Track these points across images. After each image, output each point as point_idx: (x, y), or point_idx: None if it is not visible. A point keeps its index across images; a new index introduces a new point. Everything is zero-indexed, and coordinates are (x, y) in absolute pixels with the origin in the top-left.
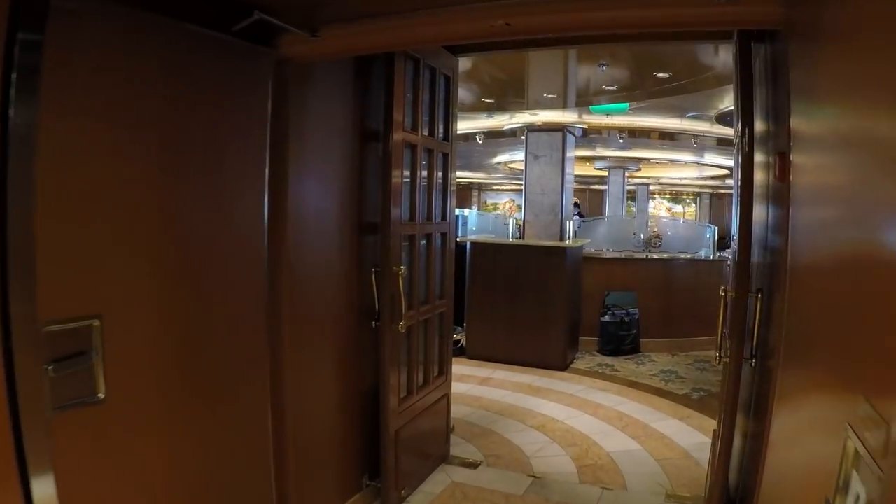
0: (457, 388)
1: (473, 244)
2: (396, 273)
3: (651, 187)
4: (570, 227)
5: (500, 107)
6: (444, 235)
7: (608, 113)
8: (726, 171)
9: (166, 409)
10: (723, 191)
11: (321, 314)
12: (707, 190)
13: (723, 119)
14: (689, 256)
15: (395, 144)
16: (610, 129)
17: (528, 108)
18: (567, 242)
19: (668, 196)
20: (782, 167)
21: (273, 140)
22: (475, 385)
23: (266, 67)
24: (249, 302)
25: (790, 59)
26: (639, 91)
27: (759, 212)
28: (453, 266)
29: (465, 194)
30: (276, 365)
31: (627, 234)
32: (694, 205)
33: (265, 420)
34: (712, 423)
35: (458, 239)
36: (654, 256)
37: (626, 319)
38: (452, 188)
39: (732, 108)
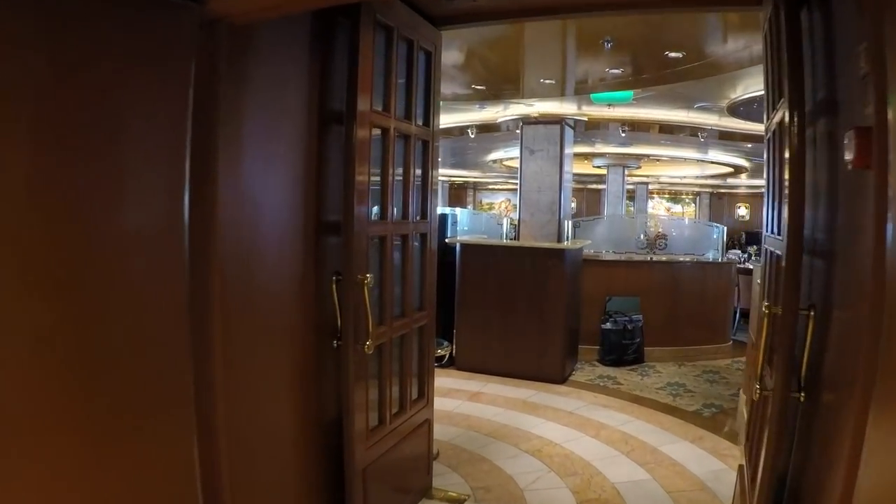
0: (443, 405)
1: (464, 246)
2: (362, 283)
3: (650, 186)
4: (568, 227)
5: (492, 95)
6: (423, 237)
7: (611, 103)
8: (729, 170)
9: (41, 450)
10: (723, 190)
11: (268, 331)
12: (707, 189)
13: (736, 110)
14: (696, 259)
15: (361, 127)
16: (612, 121)
17: (523, 98)
18: (566, 244)
19: (666, 195)
20: (863, 148)
21: (197, 118)
22: (464, 401)
23: (188, 27)
24: (164, 315)
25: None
26: (647, 75)
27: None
28: (435, 272)
29: (461, 194)
30: (204, 391)
31: (628, 234)
32: (693, 204)
33: (189, 458)
34: (727, 446)
35: (447, 240)
36: (659, 259)
37: (629, 327)
38: (435, 182)
39: (751, 94)
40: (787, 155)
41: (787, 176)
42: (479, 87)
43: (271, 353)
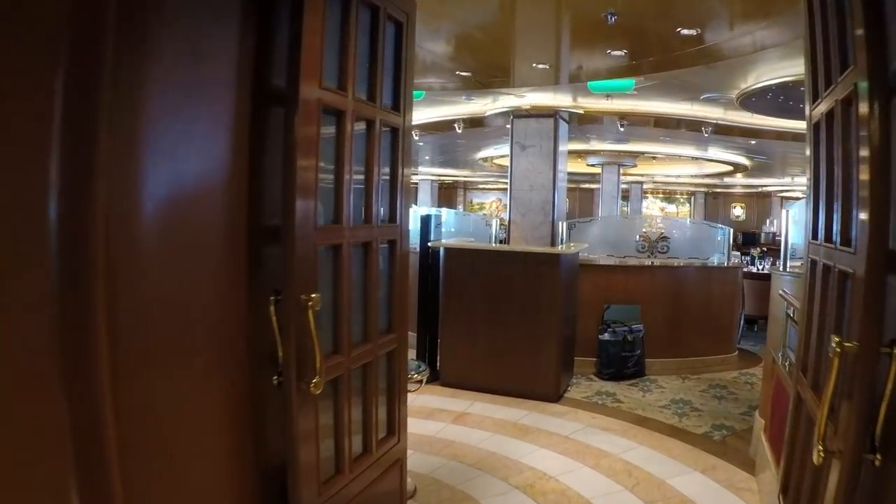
0: (424, 428)
1: (448, 250)
2: (305, 304)
3: (644, 186)
4: (563, 229)
5: (480, 84)
6: (392, 244)
7: (610, 93)
8: (727, 168)
9: None
10: (718, 190)
11: (183, 364)
12: (702, 189)
13: (747, 101)
14: (700, 263)
15: (306, 108)
16: (610, 115)
17: (514, 86)
18: (560, 248)
19: (661, 195)
20: None
21: (72, 100)
22: (448, 424)
23: None
24: (25, 344)
25: None
26: (653, 58)
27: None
28: (407, 285)
29: (451, 194)
30: (88, 443)
31: (626, 236)
32: (688, 204)
33: None
34: (744, 478)
35: (430, 244)
36: (661, 263)
37: (629, 338)
38: (408, 178)
39: (766, 83)
40: (864, 144)
41: (862, 172)
42: (464, 74)
43: (190, 393)
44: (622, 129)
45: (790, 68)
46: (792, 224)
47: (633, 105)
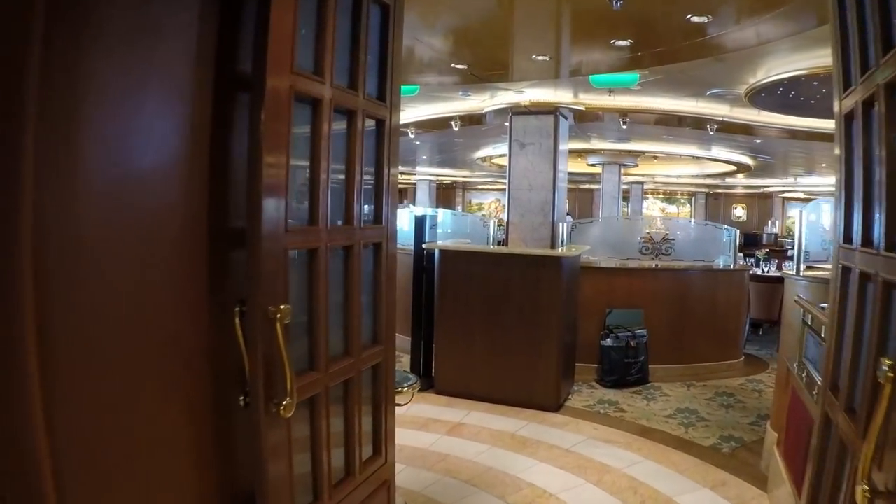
0: (417, 440)
1: (443, 253)
2: (274, 318)
3: (645, 186)
4: (563, 230)
5: (477, 77)
6: (377, 247)
7: (612, 88)
8: (730, 168)
9: None
10: (719, 190)
11: (131, 385)
12: (703, 189)
13: (756, 97)
14: (706, 265)
15: (275, 92)
16: (612, 112)
17: (512, 80)
18: (561, 250)
19: (661, 196)
20: None
21: None
22: (442, 435)
23: None
24: None
25: None
26: (660, 49)
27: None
28: (395, 292)
29: (449, 194)
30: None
31: (627, 237)
32: (689, 205)
33: None
34: (756, 495)
35: (424, 246)
36: (666, 266)
37: (633, 344)
38: (394, 174)
39: (776, 77)
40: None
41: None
42: (460, 67)
43: (132, 418)
44: (624, 127)
45: (802, 61)
46: (806, 226)
47: (637, 101)
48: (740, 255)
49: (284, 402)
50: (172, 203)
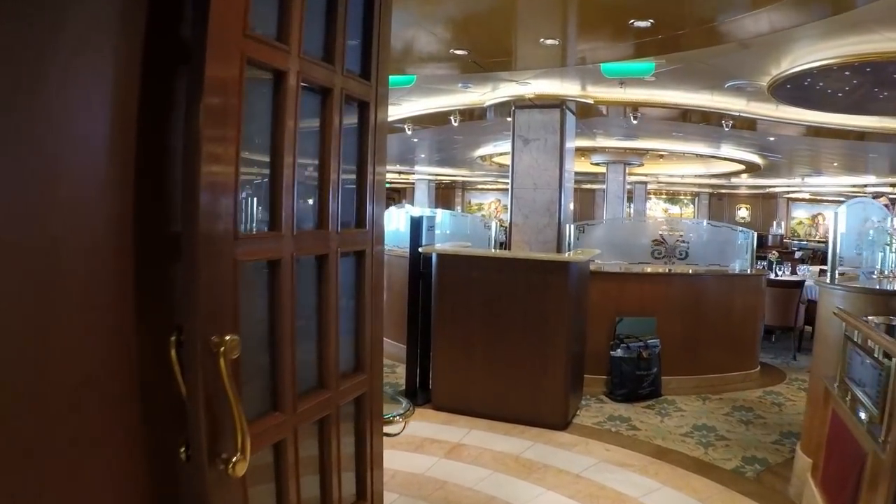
0: (413, 464)
1: (441, 257)
2: (217, 351)
3: (649, 186)
4: (570, 232)
5: (478, 65)
6: (359, 255)
7: (624, 79)
8: (737, 167)
9: None
10: (723, 190)
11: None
12: (706, 190)
13: (780, 90)
14: (721, 270)
15: (221, 58)
16: (623, 105)
17: (516, 69)
18: (569, 255)
19: (664, 196)
20: None
21: None
22: (440, 458)
23: None
24: None
25: None
26: (686, 31)
27: None
28: (381, 306)
29: (448, 194)
30: None
31: (636, 240)
32: (692, 206)
33: None
34: None
35: (421, 249)
36: (680, 271)
37: (645, 354)
38: (381, 169)
39: (803, 66)
40: None
41: None
42: (460, 53)
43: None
44: (635, 122)
45: (833, 49)
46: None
47: (649, 94)
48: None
49: (235, 459)
50: (85, 204)
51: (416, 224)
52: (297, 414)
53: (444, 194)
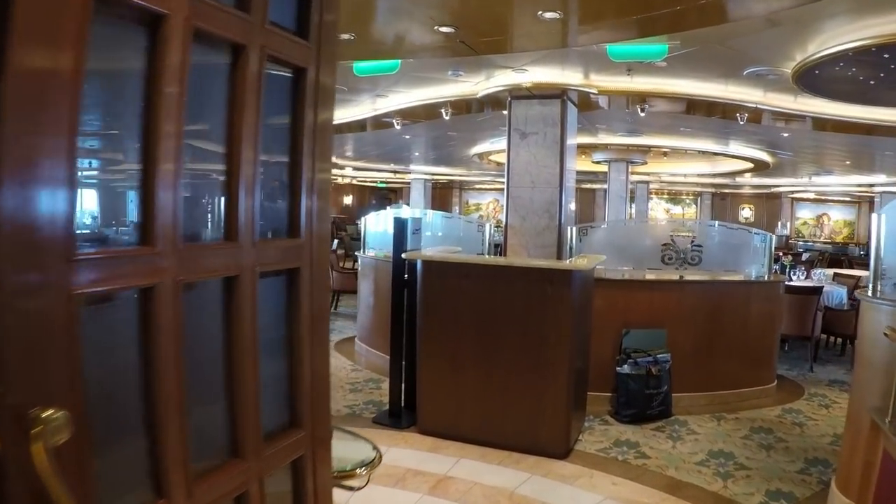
0: (393, 500)
1: (428, 264)
2: (31, 430)
3: (651, 186)
4: (572, 235)
5: (467, 46)
6: (292, 275)
7: (634, 64)
8: (744, 166)
9: None
10: (726, 190)
11: None
12: (709, 189)
13: (806, 77)
14: (737, 276)
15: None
16: (629, 96)
17: (511, 50)
18: (572, 262)
19: (665, 196)
20: None
21: None
22: (423, 495)
23: None
24: None
25: None
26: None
27: None
28: (327, 340)
29: (446, 194)
30: None
31: (642, 243)
32: (694, 206)
33: None
34: None
35: (404, 255)
36: (693, 277)
37: (654, 371)
38: (324, 160)
39: (835, 48)
40: None
41: None
42: (445, 30)
43: None
44: (642, 115)
45: (874, 27)
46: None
47: (658, 84)
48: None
49: None
50: None
51: (399, 227)
52: (194, 499)
53: (442, 194)
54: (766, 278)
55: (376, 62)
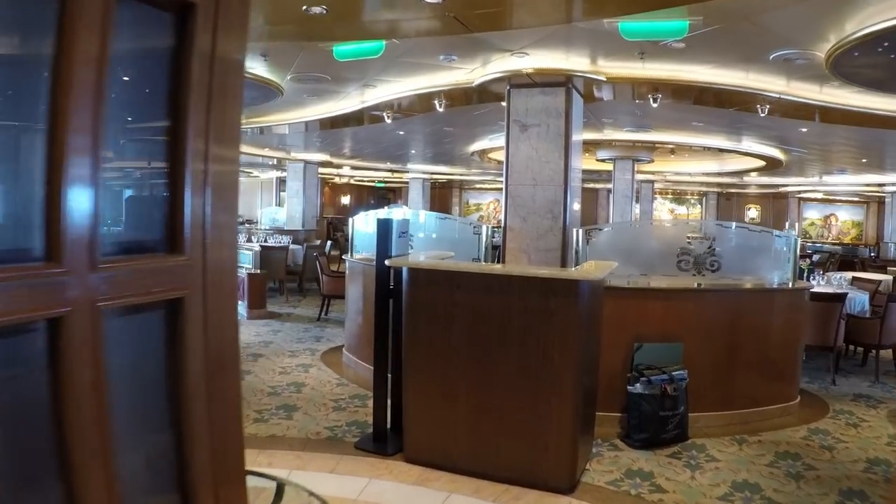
0: None
1: (415, 272)
2: None
3: (655, 185)
4: (578, 238)
5: (459, 22)
6: (171, 311)
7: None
8: (757, 164)
9: None
10: (732, 190)
11: None
12: (714, 189)
13: (844, 59)
14: (759, 283)
15: None
16: (640, 84)
17: (509, 27)
18: (579, 270)
19: (669, 196)
20: None
21: None
22: None
23: None
24: None
25: None
26: None
27: None
28: (237, 402)
29: (445, 194)
30: None
31: (654, 247)
32: (699, 206)
33: None
34: None
35: (388, 262)
36: (713, 285)
37: (670, 390)
38: (229, 156)
39: (883, 25)
40: None
41: None
42: (432, 1)
43: None
44: (655, 105)
45: None
46: None
47: (673, 71)
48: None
49: None
50: None
51: (383, 229)
52: None
53: (441, 194)
54: (790, 285)
55: (358, 45)
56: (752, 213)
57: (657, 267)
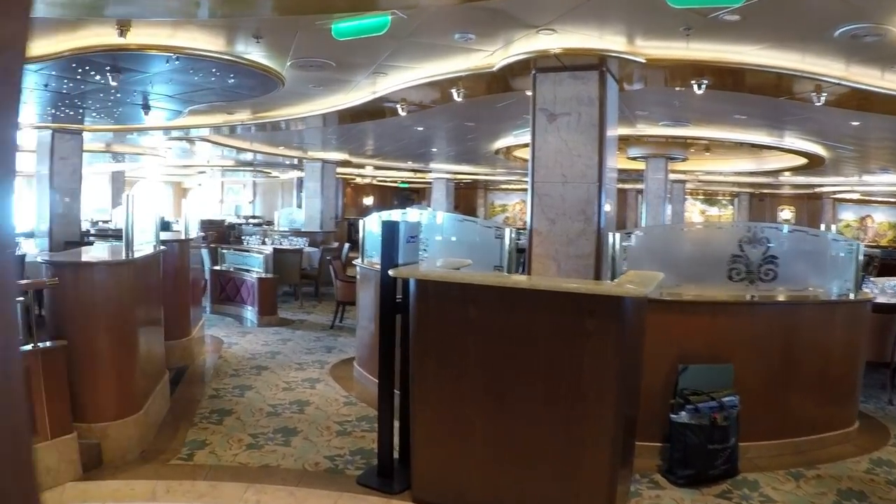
0: None
1: (422, 284)
2: None
3: (687, 185)
4: (615, 243)
5: None
6: None
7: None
8: (797, 162)
9: None
10: (765, 190)
11: None
12: (747, 189)
13: None
14: (821, 295)
15: None
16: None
17: None
18: (621, 283)
19: (700, 196)
20: None
21: None
22: None
23: None
24: None
25: None
26: None
27: None
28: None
29: (470, 194)
30: None
31: (697, 253)
32: (731, 207)
33: None
34: None
35: (391, 272)
36: (768, 297)
37: (720, 420)
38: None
39: None
40: None
41: None
42: None
43: None
44: (700, 91)
45: None
46: None
47: (720, 52)
48: None
49: None
50: None
51: (388, 233)
52: None
53: (466, 195)
54: (851, 297)
55: (358, 19)
56: (786, 214)
57: (703, 276)
